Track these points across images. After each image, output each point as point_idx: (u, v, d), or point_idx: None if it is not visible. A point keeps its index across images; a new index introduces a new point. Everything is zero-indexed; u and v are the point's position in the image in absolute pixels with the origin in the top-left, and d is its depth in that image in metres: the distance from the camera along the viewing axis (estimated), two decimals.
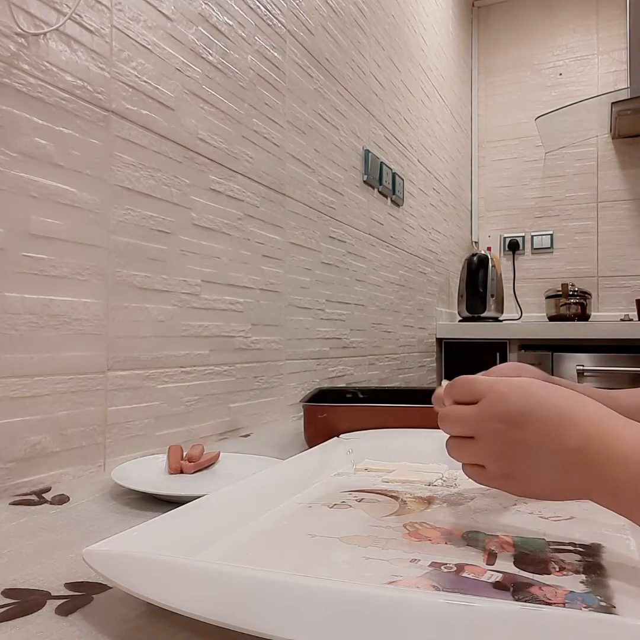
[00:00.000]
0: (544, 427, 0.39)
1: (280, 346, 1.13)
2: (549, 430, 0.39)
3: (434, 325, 2.17)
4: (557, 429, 0.39)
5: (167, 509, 0.43)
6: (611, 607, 0.31)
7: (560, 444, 0.38)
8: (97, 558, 0.33)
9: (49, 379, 0.64)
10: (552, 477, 0.39)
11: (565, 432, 0.38)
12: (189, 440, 0.86)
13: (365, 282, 1.52)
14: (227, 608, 0.29)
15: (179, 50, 0.85)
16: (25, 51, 0.62)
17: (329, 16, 1.32)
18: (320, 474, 0.60)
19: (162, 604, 0.30)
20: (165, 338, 0.82)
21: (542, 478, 0.39)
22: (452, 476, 0.60)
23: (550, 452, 0.38)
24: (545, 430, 0.39)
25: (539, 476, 0.39)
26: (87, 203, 0.69)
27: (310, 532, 0.43)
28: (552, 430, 0.39)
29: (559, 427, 0.39)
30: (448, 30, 2.34)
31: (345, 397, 0.93)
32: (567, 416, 0.39)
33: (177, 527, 0.40)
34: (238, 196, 0.99)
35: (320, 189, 1.28)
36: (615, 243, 2.43)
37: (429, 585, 0.34)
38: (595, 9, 2.51)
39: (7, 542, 0.45)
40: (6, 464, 0.60)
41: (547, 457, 0.39)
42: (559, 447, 0.38)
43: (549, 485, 0.40)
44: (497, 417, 0.41)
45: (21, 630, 0.32)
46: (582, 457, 0.37)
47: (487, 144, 2.69)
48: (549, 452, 0.39)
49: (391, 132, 1.70)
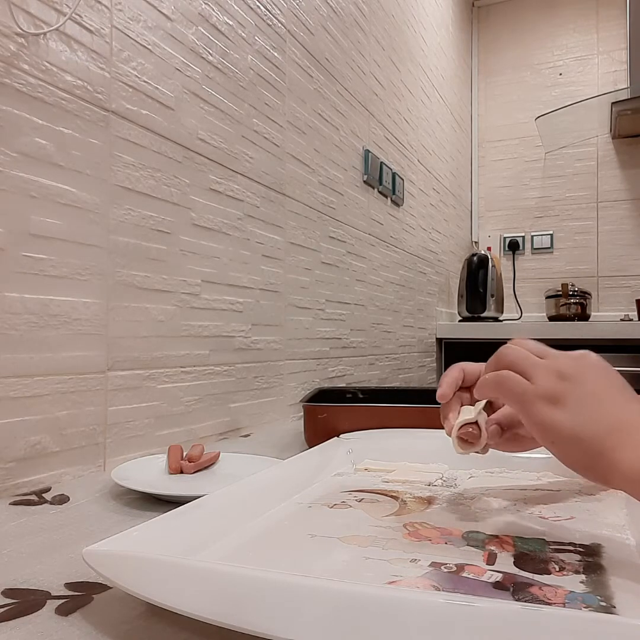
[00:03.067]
0: (612, 377, 0.43)
1: (280, 346, 1.13)
2: (614, 379, 0.42)
3: (434, 325, 2.17)
4: (618, 383, 0.42)
5: (167, 509, 0.43)
6: (611, 607, 0.31)
7: (621, 393, 0.41)
8: (97, 558, 0.33)
9: (49, 379, 0.64)
10: (604, 420, 0.39)
11: (625, 389, 0.42)
12: (189, 440, 0.86)
13: (365, 282, 1.52)
14: (227, 608, 0.29)
15: (179, 50, 0.85)
16: (25, 51, 0.62)
17: (329, 16, 1.32)
18: (320, 474, 0.60)
19: (162, 604, 0.30)
20: (165, 338, 0.82)
21: (594, 416, 0.40)
22: (452, 476, 0.60)
23: (611, 394, 0.41)
24: (610, 376, 0.43)
25: (594, 413, 0.40)
26: (87, 203, 0.69)
27: (310, 532, 0.43)
28: (615, 382, 0.42)
29: (619, 382, 0.42)
30: (448, 30, 2.34)
31: (345, 397, 0.93)
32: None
33: (177, 527, 0.40)
34: (238, 196, 0.98)
35: (320, 189, 1.28)
36: (615, 243, 2.43)
37: (429, 585, 0.34)
38: (595, 9, 2.51)
39: (7, 542, 0.45)
40: (6, 464, 0.60)
41: (608, 398, 0.41)
42: (618, 395, 0.41)
43: (593, 428, 0.39)
44: (571, 355, 0.44)
45: (21, 630, 0.32)
46: (632, 420, 0.39)
47: (487, 144, 2.69)
48: (610, 393, 0.41)
49: (391, 132, 1.70)
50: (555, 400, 0.41)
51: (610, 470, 0.38)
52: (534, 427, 0.42)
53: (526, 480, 0.58)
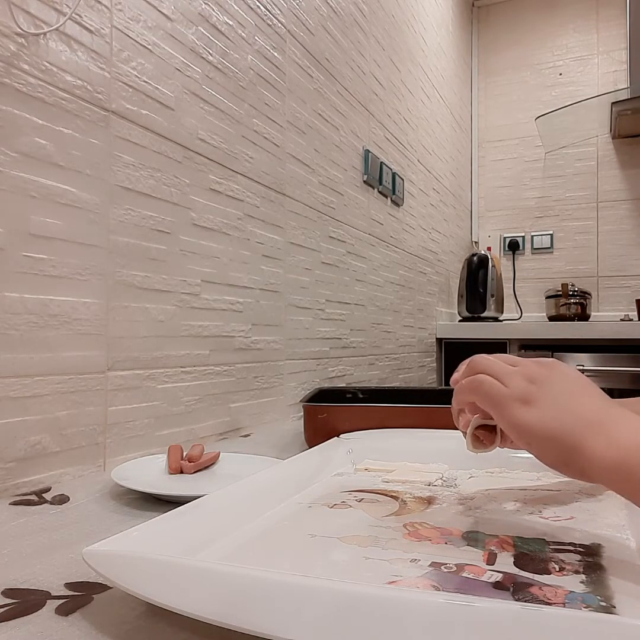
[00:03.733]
0: (581, 380, 0.44)
1: (280, 346, 1.13)
2: (583, 382, 0.44)
3: (434, 325, 2.17)
4: (588, 386, 0.44)
5: (167, 509, 0.43)
6: (611, 607, 0.31)
7: (590, 393, 0.42)
8: (97, 558, 0.33)
9: (49, 379, 0.64)
10: (577, 413, 0.40)
11: (594, 390, 0.43)
12: (189, 440, 0.86)
13: (365, 282, 1.52)
14: (227, 608, 0.29)
15: (179, 50, 0.85)
16: (25, 51, 0.62)
17: (329, 16, 1.32)
18: (320, 474, 0.60)
19: (162, 604, 0.30)
20: (165, 338, 0.82)
21: (566, 411, 0.40)
22: (452, 476, 0.60)
23: (580, 392, 0.42)
24: (579, 379, 0.44)
25: (565, 408, 0.41)
26: (87, 203, 0.69)
27: (310, 532, 0.43)
28: (584, 384, 0.44)
29: (589, 385, 0.44)
30: (448, 30, 2.34)
31: (345, 397, 0.93)
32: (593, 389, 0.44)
33: (177, 527, 0.40)
34: (238, 196, 0.98)
35: (320, 189, 1.28)
36: (615, 243, 2.43)
37: (429, 585, 0.34)
38: (595, 9, 2.51)
39: (7, 542, 0.45)
40: (6, 464, 0.60)
41: (577, 396, 0.42)
42: (587, 394, 0.42)
43: (568, 421, 0.40)
44: (541, 362, 0.45)
45: (21, 630, 0.32)
46: (601, 413, 0.40)
47: (487, 144, 2.69)
48: (579, 392, 0.42)
49: (391, 132, 1.70)
50: (526, 401, 0.42)
51: (586, 463, 0.39)
52: (509, 430, 0.43)
53: (526, 480, 0.58)
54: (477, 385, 0.45)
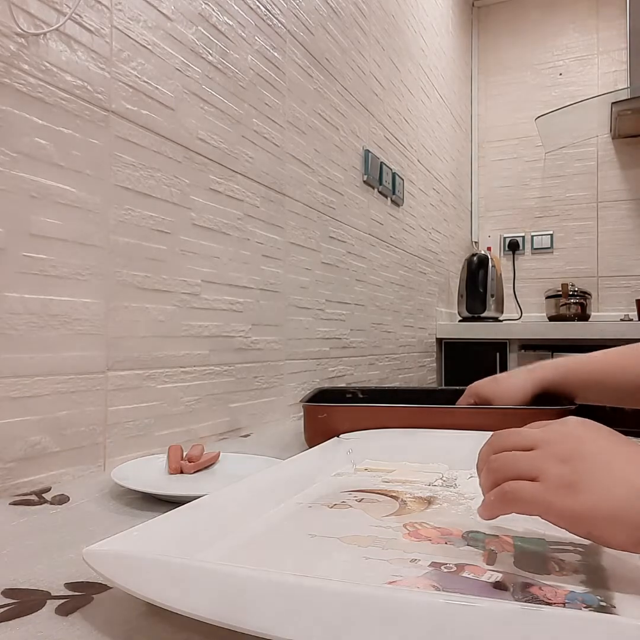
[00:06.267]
0: (610, 439, 0.39)
1: (280, 346, 1.13)
2: (613, 441, 0.39)
3: (434, 325, 2.17)
4: (620, 444, 0.38)
5: (167, 509, 0.43)
6: (611, 607, 0.31)
7: (627, 453, 0.37)
8: (97, 558, 0.33)
9: (49, 379, 0.64)
10: (626, 482, 0.35)
11: (628, 447, 0.38)
12: (189, 440, 0.86)
13: (365, 282, 1.52)
14: (227, 608, 0.29)
15: (179, 50, 0.85)
16: (25, 51, 0.62)
17: (329, 16, 1.32)
18: (320, 474, 0.60)
19: (162, 604, 0.30)
20: (165, 338, 0.82)
21: (614, 484, 0.35)
22: (452, 476, 0.60)
23: (620, 458, 0.37)
24: (608, 439, 0.39)
25: (611, 481, 0.35)
26: (87, 203, 0.69)
27: (310, 532, 0.43)
28: (616, 443, 0.38)
29: (620, 443, 0.38)
30: (448, 30, 2.34)
31: (345, 397, 0.93)
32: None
33: (177, 527, 0.40)
34: (238, 196, 0.98)
35: (320, 189, 1.28)
36: (615, 243, 2.43)
37: (429, 585, 0.34)
38: (595, 9, 2.51)
39: (7, 542, 0.45)
40: (6, 464, 0.60)
41: (619, 462, 0.36)
42: (623, 456, 0.37)
43: (621, 494, 0.35)
44: (562, 432, 0.40)
45: (21, 630, 0.32)
46: None
47: (487, 144, 2.69)
48: (617, 457, 0.37)
49: (391, 132, 1.70)
50: (568, 487, 0.36)
51: None
52: (563, 523, 0.37)
53: None
54: (510, 498, 0.38)
